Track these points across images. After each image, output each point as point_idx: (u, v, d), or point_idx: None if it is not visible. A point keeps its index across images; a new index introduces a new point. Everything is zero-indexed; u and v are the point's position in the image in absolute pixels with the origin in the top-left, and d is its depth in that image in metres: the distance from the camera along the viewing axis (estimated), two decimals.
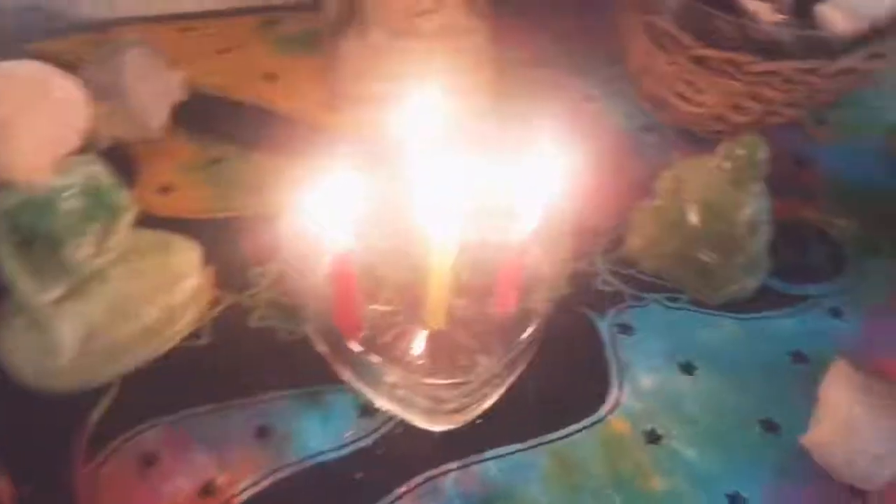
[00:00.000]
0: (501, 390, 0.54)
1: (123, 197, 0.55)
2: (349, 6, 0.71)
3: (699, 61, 0.65)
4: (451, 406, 0.52)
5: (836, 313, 0.62)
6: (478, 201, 0.55)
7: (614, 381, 0.57)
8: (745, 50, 0.63)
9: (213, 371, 0.57)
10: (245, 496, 0.51)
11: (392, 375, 0.52)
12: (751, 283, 0.61)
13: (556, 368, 0.57)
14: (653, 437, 0.54)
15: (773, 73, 0.63)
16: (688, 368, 0.58)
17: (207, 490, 0.51)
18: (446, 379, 0.54)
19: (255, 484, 0.51)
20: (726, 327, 0.61)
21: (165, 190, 0.67)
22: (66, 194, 0.51)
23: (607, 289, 0.63)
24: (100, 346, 0.55)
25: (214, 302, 0.60)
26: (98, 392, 0.55)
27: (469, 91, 0.73)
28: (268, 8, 0.84)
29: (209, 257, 0.61)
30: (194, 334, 0.59)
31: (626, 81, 0.78)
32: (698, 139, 0.73)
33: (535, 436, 0.54)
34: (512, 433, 0.54)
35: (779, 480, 0.53)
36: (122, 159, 0.69)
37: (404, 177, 0.56)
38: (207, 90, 0.75)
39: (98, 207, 0.54)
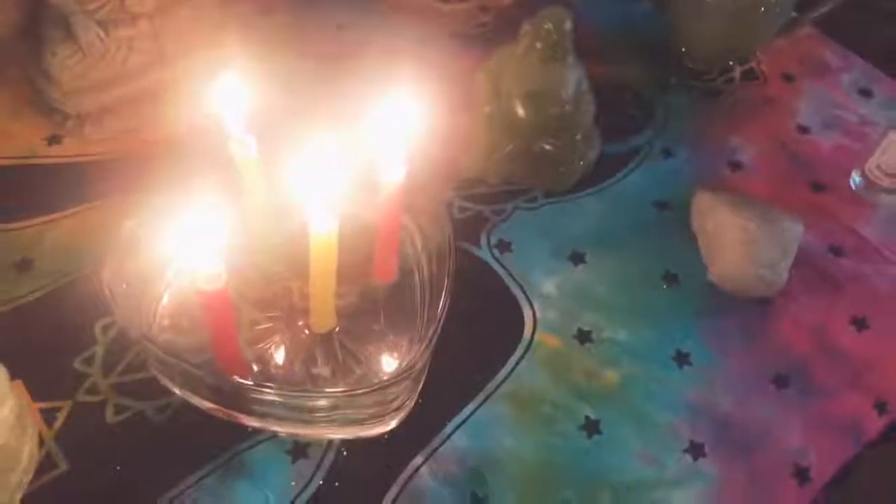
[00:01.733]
0: (427, 359, 0.49)
1: None
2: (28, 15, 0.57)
3: None
4: (398, 402, 0.46)
5: (667, 153, 0.65)
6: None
7: (523, 301, 0.54)
8: None
9: (91, 497, 0.44)
10: None
11: (323, 399, 0.44)
12: (593, 156, 0.61)
13: (466, 312, 0.52)
14: (584, 337, 0.53)
15: None
16: (578, 258, 0.57)
17: None
18: (372, 377, 0.48)
19: None
20: (589, 205, 0.60)
21: None
22: None
23: (466, 214, 0.59)
24: None
25: (49, 421, 0.47)
26: None
27: (216, 51, 0.63)
28: None
29: (13, 364, 0.47)
30: (44, 467, 0.45)
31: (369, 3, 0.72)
32: (470, 38, 0.70)
33: (481, 389, 0.50)
34: (458, 396, 0.50)
35: (704, 323, 0.54)
36: None
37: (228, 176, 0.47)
38: None
39: None
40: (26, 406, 0.46)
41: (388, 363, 0.49)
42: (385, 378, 0.46)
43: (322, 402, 0.44)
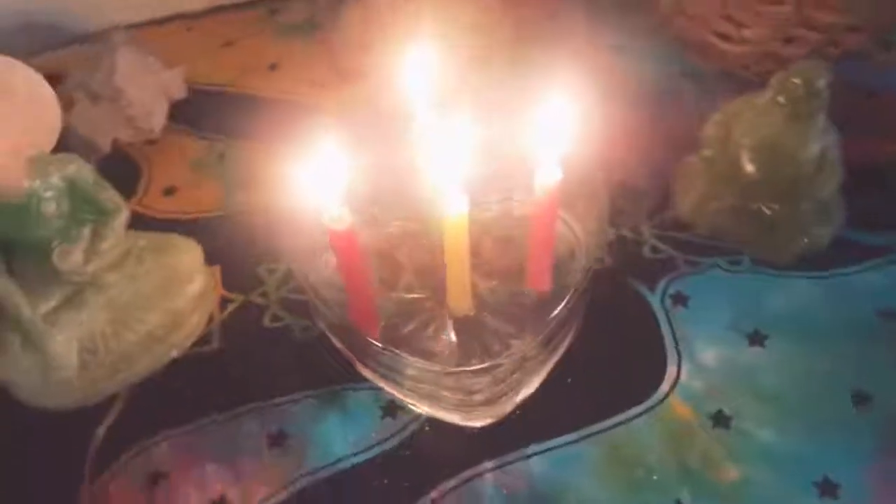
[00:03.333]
0: (540, 376, 0.48)
1: (112, 197, 0.50)
2: None
3: None
4: (481, 397, 0.46)
5: None
6: (494, 168, 0.49)
7: (671, 359, 0.50)
8: None
9: (225, 377, 0.52)
10: None
11: (412, 368, 0.46)
12: (823, 235, 0.53)
13: (604, 349, 0.50)
14: (721, 420, 0.47)
15: None
16: (757, 338, 0.50)
17: None
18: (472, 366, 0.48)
19: (270, 496, 0.46)
20: (800, 288, 0.53)
21: (170, 191, 0.63)
22: (45, 197, 0.47)
23: (657, 256, 0.55)
24: (101, 358, 0.50)
25: (223, 304, 0.56)
26: (103, 406, 0.51)
27: (485, 50, 0.67)
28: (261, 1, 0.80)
29: (216, 256, 0.57)
30: (203, 339, 0.54)
31: (656, 28, 0.70)
32: (745, 82, 0.64)
33: (584, 425, 0.48)
34: (557, 424, 0.48)
35: (877, 459, 0.44)
36: (124, 162, 0.65)
37: (410, 150, 0.51)
38: (209, 86, 0.71)
39: (85, 210, 0.50)
40: (211, 287, 0.56)
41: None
42: (462, 368, 0.46)
43: (410, 371, 0.46)
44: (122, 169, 0.65)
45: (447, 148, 0.42)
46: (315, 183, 0.41)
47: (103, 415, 0.50)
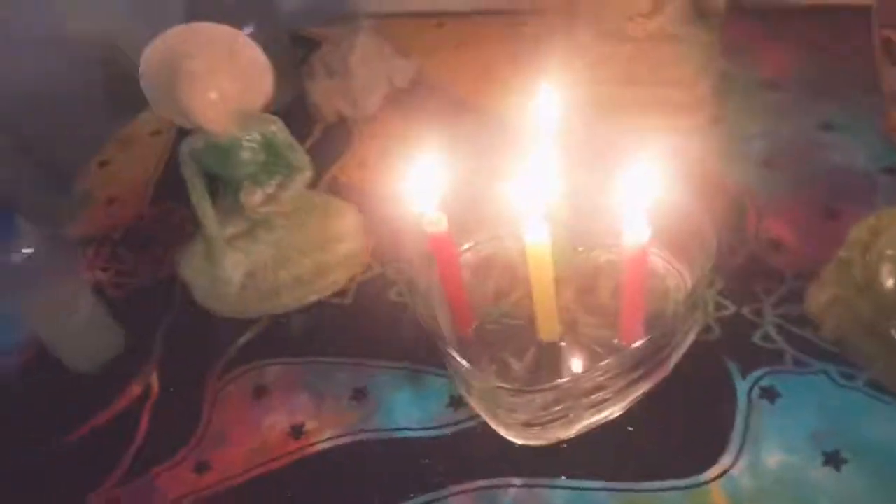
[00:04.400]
0: (595, 419, 0.50)
1: (299, 157, 0.61)
2: (570, 6, 0.69)
3: None
4: (521, 417, 0.49)
5: None
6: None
7: (731, 448, 0.49)
8: None
9: (344, 330, 0.61)
10: (324, 446, 0.54)
11: (475, 376, 0.50)
12: None
13: (671, 413, 0.51)
14: None
15: None
16: (835, 460, 0.47)
17: (297, 431, 0.55)
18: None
19: (337, 437, 0.54)
20: None
21: (362, 164, 0.73)
22: (246, 145, 0.58)
23: (767, 345, 0.53)
24: (258, 285, 0.62)
25: (365, 269, 0.64)
26: (247, 323, 0.62)
27: (679, 107, 0.67)
28: (515, 11, 0.86)
29: (373, 228, 0.65)
30: (340, 293, 0.63)
31: (878, 111, 0.65)
32: None
33: (620, 479, 0.49)
34: (594, 468, 0.49)
35: None
36: (341, 131, 0.77)
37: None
38: (433, 81, 0.80)
39: (278, 163, 0.60)
40: (360, 252, 0.64)
41: None
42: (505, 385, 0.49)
43: (475, 383, 0.50)
44: (338, 137, 0.76)
45: (540, 183, 0.46)
46: (415, 188, 0.47)
47: (244, 330, 0.62)
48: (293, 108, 0.77)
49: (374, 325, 0.60)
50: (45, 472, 0.56)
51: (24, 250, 0.53)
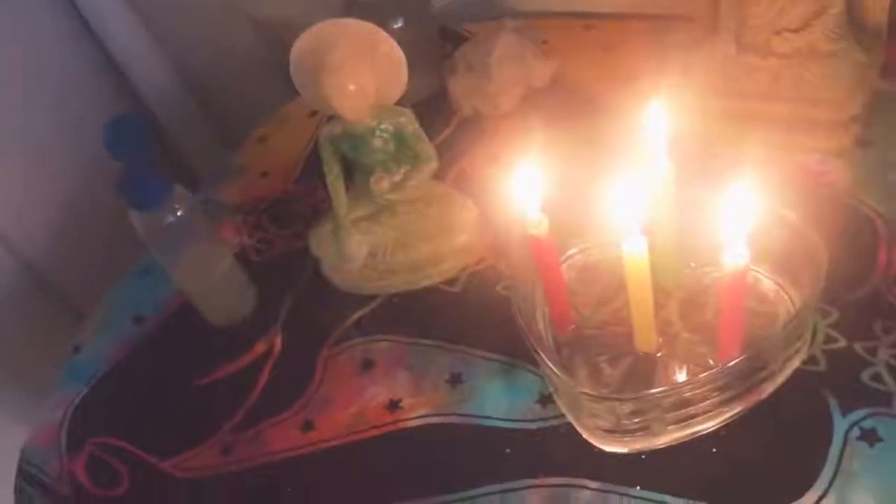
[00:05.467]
0: (680, 435, 0.50)
1: (426, 148, 0.64)
2: (714, 16, 0.68)
3: None
4: (602, 423, 0.50)
5: None
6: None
7: (818, 487, 0.47)
8: None
9: (450, 316, 0.64)
10: (416, 423, 0.57)
11: (560, 379, 0.51)
12: None
13: (760, 442, 0.50)
14: None
15: None
16: None
17: (394, 405, 0.59)
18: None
19: (428, 416, 0.57)
20: None
21: (491, 161, 0.75)
22: (378, 134, 0.63)
23: (875, 385, 0.51)
24: (378, 265, 0.66)
25: (478, 261, 0.67)
26: (365, 300, 0.67)
27: (823, 127, 0.64)
28: (663, 17, 0.84)
29: (493, 225, 0.67)
30: (452, 281, 0.66)
31: None
32: None
33: (694, 498, 0.49)
34: (670, 483, 0.50)
35: None
36: (476, 127, 0.79)
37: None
38: (573, 83, 0.80)
39: (406, 153, 0.64)
40: (474, 244, 0.67)
41: None
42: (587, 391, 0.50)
43: (558, 384, 0.51)
44: (471, 132, 0.79)
45: (644, 193, 0.46)
46: (521, 188, 0.49)
47: (363, 305, 0.66)
48: (433, 101, 0.81)
49: (478, 315, 0.63)
50: (173, 413, 0.64)
51: (178, 213, 0.60)
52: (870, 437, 0.48)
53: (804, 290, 0.52)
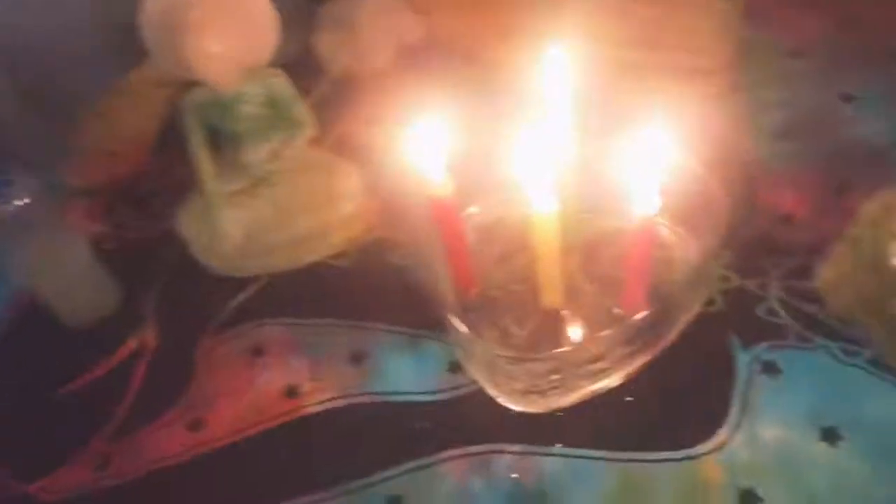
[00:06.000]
0: (593, 388, 0.49)
1: (303, 113, 0.60)
2: None
3: None
4: (518, 385, 0.48)
5: None
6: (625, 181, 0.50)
7: (730, 421, 0.48)
8: None
9: (341, 292, 0.60)
10: (320, 408, 0.53)
11: (475, 343, 0.50)
12: None
13: (667, 385, 0.50)
14: (750, 498, 0.45)
15: None
16: (831, 436, 0.46)
17: (292, 392, 0.54)
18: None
19: (334, 399, 0.54)
20: None
21: (369, 123, 0.71)
22: (248, 100, 0.57)
23: (771, 319, 0.52)
24: (257, 243, 0.61)
25: (366, 231, 0.63)
26: (245, 282, 0.61)
27: (697, 73, 0.65)
28: None
29: (379, 190, 0.64)
30: (339, 255, 0.62)
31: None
32: None
33: (614, 449, 0.48)
34: (589, 437, 0.49)
35: None
36: (347, 88, 0.75)
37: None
38: (448, 38, 0.77)
39: (280, 119, 0.59)
40: (360, 214, 0.63)
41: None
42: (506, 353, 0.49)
43: (475, 350, 0.49)
44: (345, 93, 0.75)
45: (549, 149, 0.45)
46: (420, 151, 0.46)
47: (243, 288, 0.61)
48: (300, 62, 0.75)
49: (373, 289, 0.59)
50: (37, 425, 0.56)
51: (19, 201, 0.52)
52: (770, 368, 0.50)
53: (699, 234, 0.53)
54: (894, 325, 0.47)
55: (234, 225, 0.60)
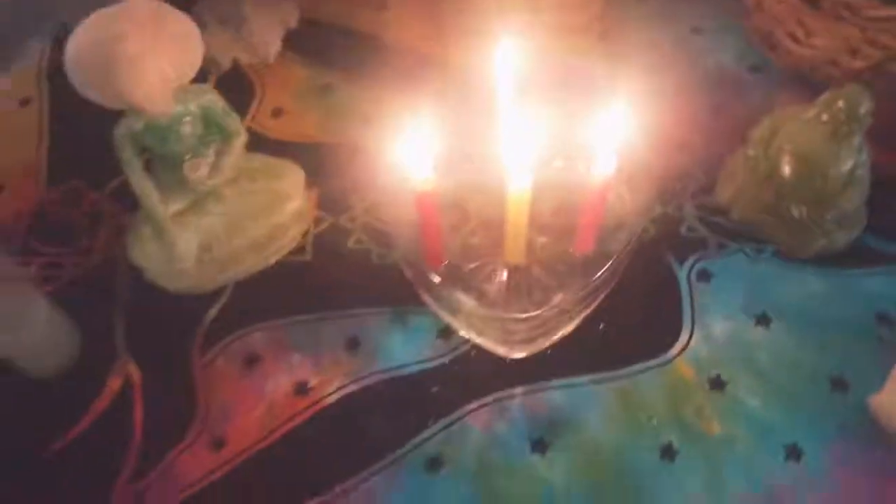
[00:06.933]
0: (573, 324, 0.57)
1: (235, 122, 0.60)
2: None
3: (812, 2, 0.62)
4: (519, 337, 0.55)
5: None
6: (560, 140, 0.57)
7: (686, 326, 0.59)
8: None
9: (313, 285, 0.63)
10: (335, 397, 0.57)
11: (466, 306, 0.55)
12: (841, 239, 0.60)
13: (630, 309, 0.59)
14: (717, 384, 0.56)
15: (894, 19, 0.59)
16: (764, 320, 0.59)
17: (301, 390, 0.57)
18: (518, 312, 0.58)
19: (344, 387, 0.58)
20: (810, 283, 0.60)
21: (277, 113, 0.72)
22: (184, 120, 0.57)
23: (692, 235, 0.63)
24: (215, 256, 0.61)
25: (317, 222, 0.66)
26: (213, 296, 0.62)
27: (574, 28, 0.73)
28: None
29: (313, 180, 0.66)
30: (298, 250, 0.64)
31: (741, 15, 0.75)
32: (809, 84, 0.69)
33: (602, 371, 0.57)
34: (580, 366, 0.58)
35: (839, 438, 0.53)
36: (240, 82, 0.75)
37: (490, 111, 0.58)
38: (321, 19, 0.78)
39: (213, 132, 0.59)
40: (308, 208, 0.66)
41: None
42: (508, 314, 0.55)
43: (463, 307, 0.55)
44: (238, 87, 0.74)
45: (520, 126, 0.50)
46: (410, 143, 0.50)
47: (212, 302, 0.62)
48: None
49: (341, 276, 0.63)
50: (42, 484, 0.55)
51: None
52: (704, 276, 0.61)
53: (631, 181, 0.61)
54: (793, 224, 0.60)
55: (187, 245, 0.60)
